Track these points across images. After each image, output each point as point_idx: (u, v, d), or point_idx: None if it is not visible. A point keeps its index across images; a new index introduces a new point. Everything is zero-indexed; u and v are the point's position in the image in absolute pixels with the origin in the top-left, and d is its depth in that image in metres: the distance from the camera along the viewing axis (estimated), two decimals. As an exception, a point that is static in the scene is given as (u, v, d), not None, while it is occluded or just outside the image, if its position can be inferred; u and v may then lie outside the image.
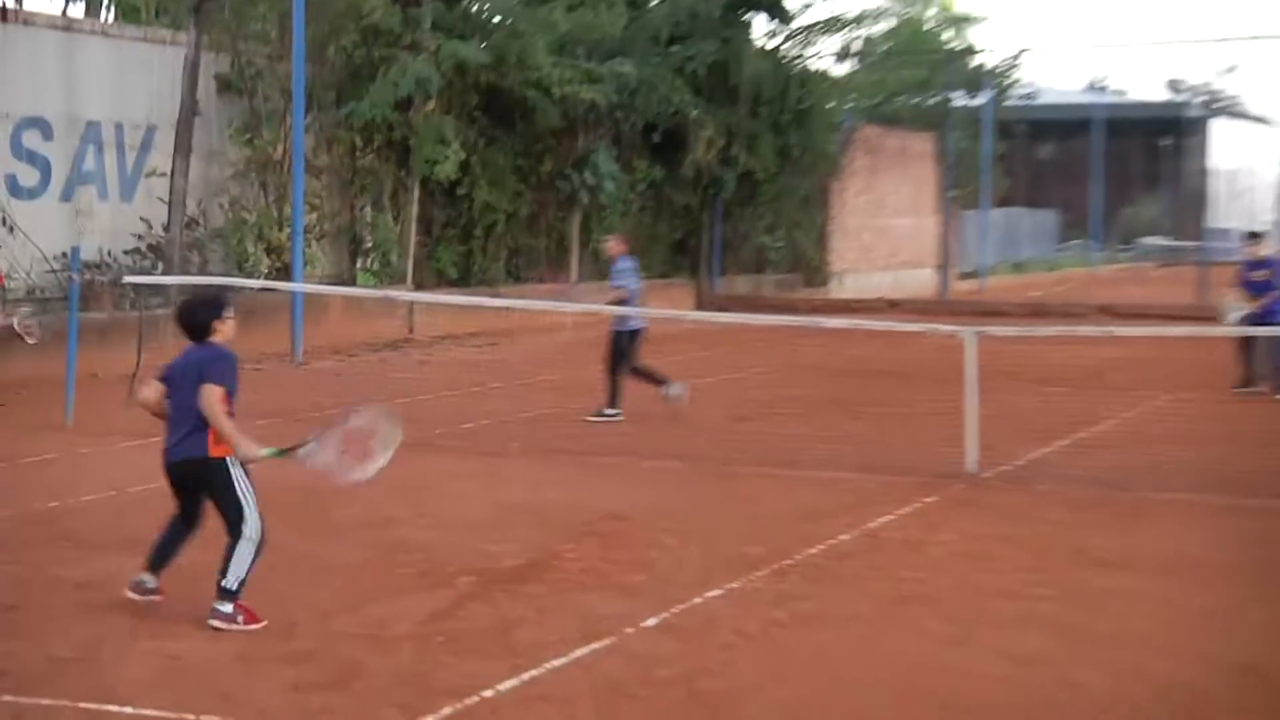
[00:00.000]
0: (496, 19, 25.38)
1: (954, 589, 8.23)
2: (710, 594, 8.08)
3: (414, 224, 25.42)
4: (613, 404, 14.78)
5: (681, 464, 12.52)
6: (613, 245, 16.20)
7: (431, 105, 24.16)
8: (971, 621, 7.56)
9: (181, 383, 7.16)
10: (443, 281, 26.09)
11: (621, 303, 15.09)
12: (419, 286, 24.94)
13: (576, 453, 13.06)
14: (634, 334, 14.90)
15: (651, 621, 7.49)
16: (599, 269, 29.88)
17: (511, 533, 9.62)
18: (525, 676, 6.54)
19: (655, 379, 15.20)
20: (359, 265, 25.09)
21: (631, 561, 8.89)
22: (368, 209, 25.44)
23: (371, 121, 23.76)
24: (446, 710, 6.03)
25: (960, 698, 6.35)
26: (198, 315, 7.37)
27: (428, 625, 7.32)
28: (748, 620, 7.58)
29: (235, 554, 7.03)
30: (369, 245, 25.22)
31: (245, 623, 7.02)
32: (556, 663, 6.76)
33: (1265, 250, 17.07)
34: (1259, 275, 16.70)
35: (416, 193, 25.34)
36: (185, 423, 7.11)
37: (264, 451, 7.22)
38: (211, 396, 7.00)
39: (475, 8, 25.64)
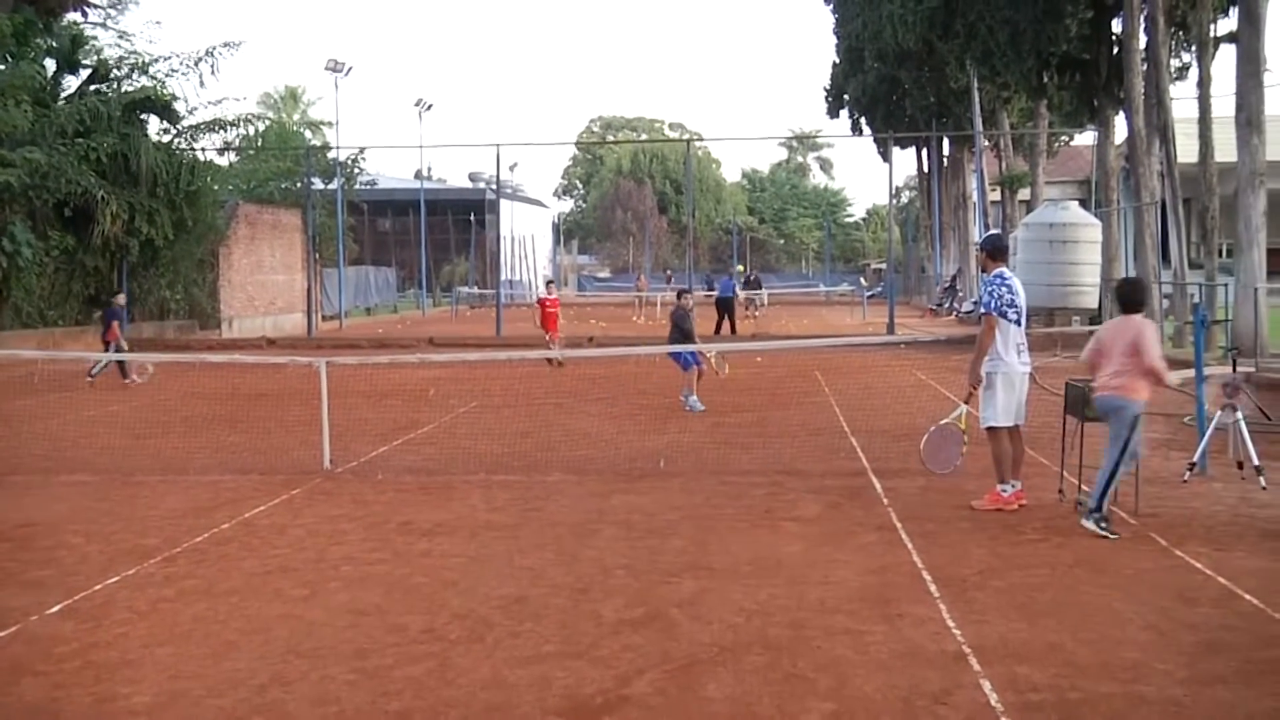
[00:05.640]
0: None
1: (310, 560, 8.07)
2: (109, 580, 7.52)
3: None
4: None
5: (91, 476, 11.53)
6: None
7: None
8: (322, 584, 7.45)
9: None
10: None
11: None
12: None
13: (-4, 475, 11.71)
14: None
15: (55, 608, 6.89)
16: (20, 320, 27.28)
17: (-73, 548, 8.52)
18: (-67, 671, 5.81)
19: None
20: None
21: (39, 560, 8.10)
22: None
23: None
24: None
25: (307, 644, 6.23)
26: None
27: None
28: (140, 599, 7.10)
29: None
30: None
31: None
32: (-36, 655, 6.05)
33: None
34: None
35: None
36: None
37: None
38: None
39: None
